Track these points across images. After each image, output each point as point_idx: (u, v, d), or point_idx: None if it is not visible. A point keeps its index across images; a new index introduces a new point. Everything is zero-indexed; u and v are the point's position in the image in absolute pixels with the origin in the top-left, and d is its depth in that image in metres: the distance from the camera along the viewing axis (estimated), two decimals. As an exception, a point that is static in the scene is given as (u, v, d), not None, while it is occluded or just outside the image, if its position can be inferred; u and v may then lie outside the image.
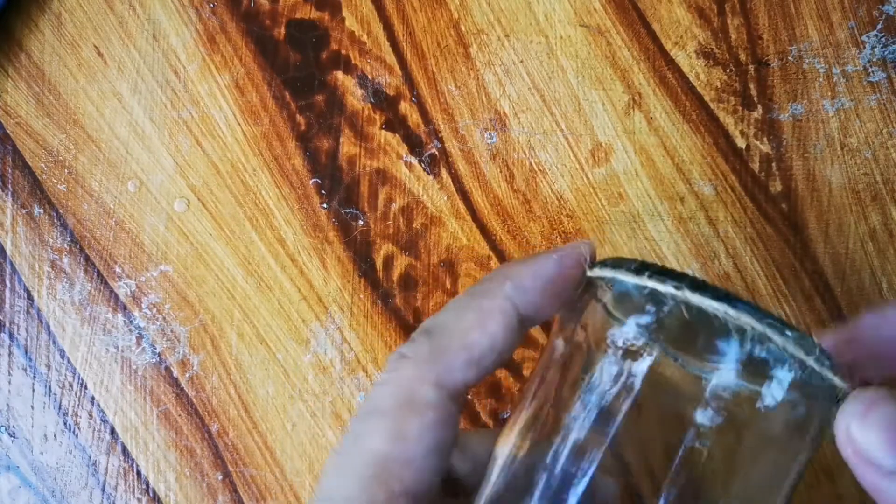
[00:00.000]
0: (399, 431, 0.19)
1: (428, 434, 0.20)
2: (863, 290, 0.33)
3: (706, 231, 0.34)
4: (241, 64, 0.36)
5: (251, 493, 0.36)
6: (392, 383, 0.20)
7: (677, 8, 0.34)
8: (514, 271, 0.21)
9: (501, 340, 0.21)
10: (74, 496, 0.37)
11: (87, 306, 0.37)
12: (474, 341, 0.20)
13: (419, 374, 0.20)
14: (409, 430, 0.19)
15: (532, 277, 0.21)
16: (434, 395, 0.20)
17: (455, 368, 0.20)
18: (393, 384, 0.20)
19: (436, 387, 0.20)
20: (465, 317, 0.21)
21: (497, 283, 0.21)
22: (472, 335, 0.20)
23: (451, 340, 0.20)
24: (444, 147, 0.35)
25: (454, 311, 0.21)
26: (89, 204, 0.37)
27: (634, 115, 0.34)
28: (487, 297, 0.21)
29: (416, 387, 0.20)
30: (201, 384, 0.36)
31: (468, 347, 0.20)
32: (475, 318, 0.21)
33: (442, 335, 0.21)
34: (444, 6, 0.35)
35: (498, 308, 0.21)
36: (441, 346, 0.20)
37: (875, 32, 0.33)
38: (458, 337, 0.20)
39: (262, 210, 0.36)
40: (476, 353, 0.20)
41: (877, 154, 0.33)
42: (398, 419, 0.20)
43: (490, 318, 0.20)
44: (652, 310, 0.19)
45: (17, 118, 0.37)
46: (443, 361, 0.20)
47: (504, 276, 0.21)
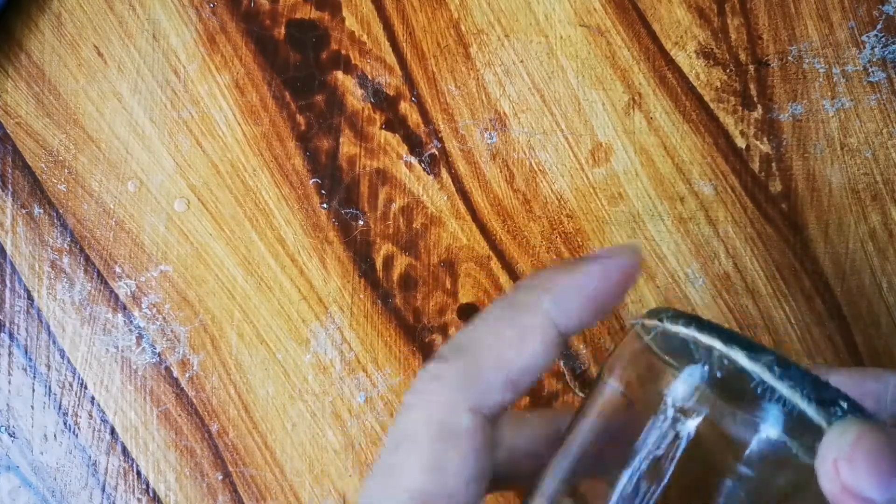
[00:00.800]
0: (437, 464, 0.18)
1: (467, 464, 0.18)
2: (863, 290, 0.33)
3: (706, 231, 0.34)
4: (241, 64, 0.36)
5: (251, 493, 0.36)
6: (424, 408, 0.18)
7: (677, 8, 0.34)
8: (553, 283, 0.19)
9: (540, 359, 0.19)
10: (74, 496, 0.37)
11: (87, 306, 0.37)
12: (512, 360, 0.19)
13: (453, 398, 0.18)
14: (448, 462, 0.18)
15: (573, 292, 0.19)
16: (471, 422, 0.18)
17: (491, 391, 0.18)
18: (425, 409, 0.18)
19: (472, 412, 0.18)
20: (501, 333, 0.19)
21: (535, 297, 0.19)
22: (510, 354, 0.19)
23: (487, 360, 0.19)
24: (444, 147, 0.35)
25: (489, 326, 0.19)
26: (89, 204, 0.37)
27: (634, 115, 0.34)
28: (526, 311, 0.19)
29: (452, 413, 0.18)
30: (201, 384, 0.36)
31: (505, 367, 0.19)
32: (513, 335, 0.19)
33: (477, 353, 0.19)
34: (444, 6, 0.35)
35: (537, 324, 0.19)
36: (476, 367, 0.19)
37: (875, 32, 0.33)
38: (494, 356, 0.19)
39: (262, 210, 0.36)
40: (514, 374, 0.19)
41: (877, 154, 0.33)
42: (435, 450, 0.18)
43: (529, 336, 0.19)
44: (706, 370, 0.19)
45: (17, 118, 0.37)
46: (478, 383, 0.18)
47: (543, 289, 0.19)
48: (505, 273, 0.35)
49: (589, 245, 0.34)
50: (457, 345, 0.19)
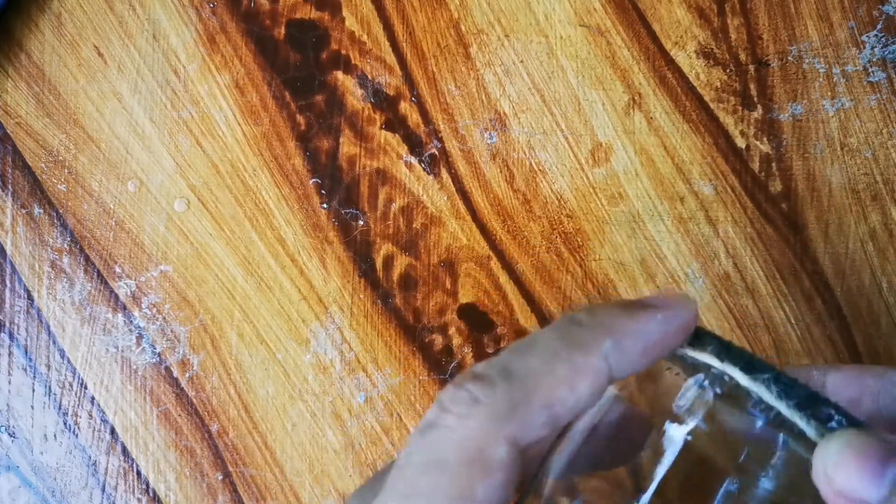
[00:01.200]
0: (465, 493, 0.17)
1: (495, 495, 0.17)
2: (863, 290, 0.33)
3: (706, 231, 0.34)
4: (241, 64, 0.36)
5: (251, 493, 0.36)
6: (460, 432, 0.17)
7: (677, 8, 0.34)
8: (617, 325, 0.19)
9: (586, 401, 0.18)
10: (74, 496, 0.37)
11: (87, 306, 0.37)
12: (559, 400, 0.18)
13: (493, 428, 0.17)
14: (477, 492, 0.17)
15: (635, 339, 0.19)
16: (507, 454, 0.17)
17: (533, 426, 0.18)
18: (461, 434, 0.17)
19: (509, 444, 0.17)
20: (555, 368, 0.18)
21: (597, 337, 0.18)
22: (559, 392, 0.18)
23: (535, 394, 0.18)
24: (444, 147, 0.35)
25: (543, 358, 0.18)
26: (89, 204, 0.37)
27: (634, 115, 0.34)
28: (583, 350, 0.18)
29: (488, 442, 0.17)
30: (201, 384, 0.36)
31: (551, 406, 0.18)
32: (566, 373, 0.18)
33: (525, 385, 0.18)
34: (444, 6, 0.35)
35: (592, 367, 0.18)
36: (522, 398, 0.18)
37: (875, 32, 0.33)
38: (543, 391, 0.18)
39: (262, 210, 0.36)
40: (558, 413, 0.18)
41: (877, 154, 0.33)
42: (465, 477, 0.17)
43: (581, 377, 0.18)
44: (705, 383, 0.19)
45: (17, 118, 0.37)
46: (521, 417, 0.18)
47: (606, 330, 0.19)
48: (505, 273, 0.35)
49: (589, 245, 0.34)
50: (504, 368, 0.18)
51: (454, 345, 0.35)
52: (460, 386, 0.18)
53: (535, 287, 0.35)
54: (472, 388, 0.18)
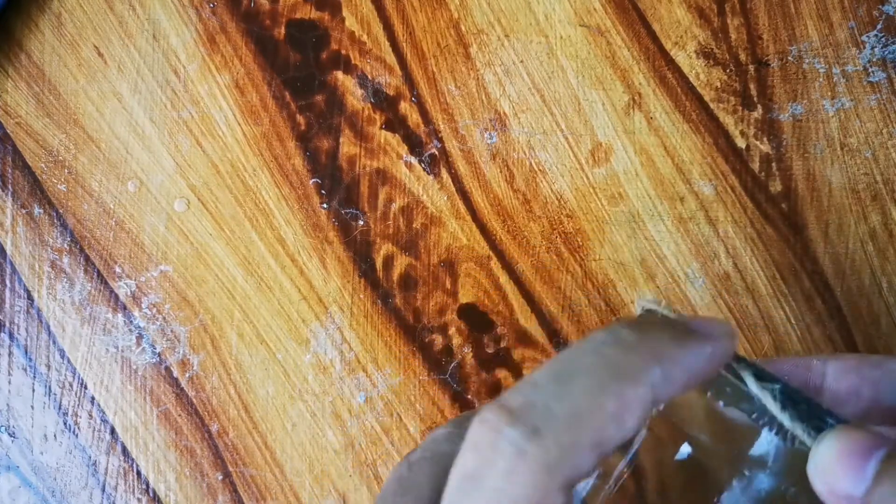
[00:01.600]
0: None
1: None
2: (863, 290, 0.33)
3: (706, 231, 0.34)
4: (241, 64, 0.36)
5: (251, 493, 0.36)
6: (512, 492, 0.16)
7: (677, 8, 0.34)
8: (667, 354, 0.18)
9: (632, 433, 0.17)
10: (74, 496, 0.37)
11: (87, 306, 0.37)
12: (609, 437, 0.17)
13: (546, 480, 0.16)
14: None
15: (682, 369, 0.18)
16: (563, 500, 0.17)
17: (585, 466, 0.17)
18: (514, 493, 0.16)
19: (564, 490, 0.16)
20: (602, 404, 0.17)
21: (646, 366, 0.17)
22: (609, 431, 0.17)
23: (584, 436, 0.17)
24: (444, 147, 0.35)
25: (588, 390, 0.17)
26: (89, 204, 0.37)
27: (634, 115, 0.34)
28: (631, 382, 0.17)
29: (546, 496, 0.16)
30: (201, 384, 0.36)
31: (601, 445, 0.17)
32: (614, 408, 0.17)
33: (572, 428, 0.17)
34: (444, 6, 0.35)
35: (640, 399, 0.17)
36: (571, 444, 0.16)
37: (875, 32, 0.33)
38: (591, 432, 0.17)
39: (262, 210, 0.36)
40: (607, 449, 0.17)
41: (877, 154, 0.33)
42: None
43: (630, 412, 0.17)
44: None
45: (17, 118, 0.37)
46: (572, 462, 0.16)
47: (655, 358, 0.18)
48: (505, 273, 0.35)
49: (589, 245, 0.34)
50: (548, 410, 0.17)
51: (454, 345, 0.35)
52: (499, 431, 0.17)
53: (535, 287, 0.35)
54: (516, 436, 0.17)
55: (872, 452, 0.17)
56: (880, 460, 0.17)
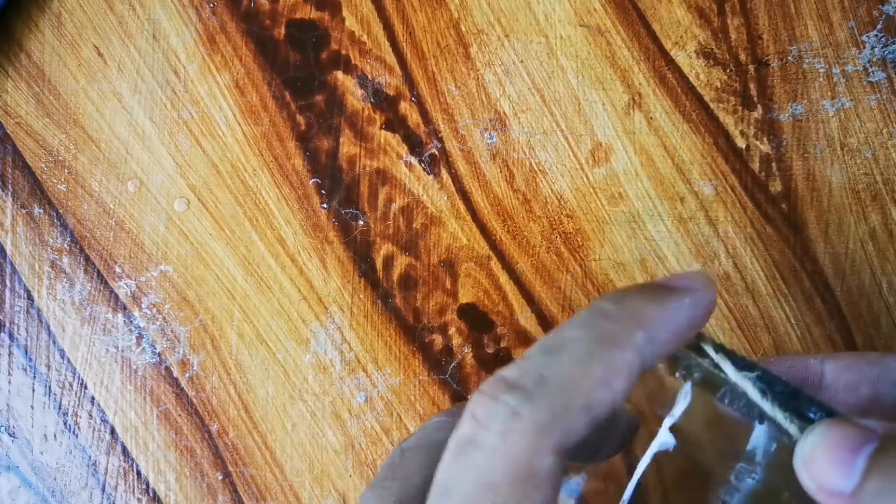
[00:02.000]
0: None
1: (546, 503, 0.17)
2: (863, 290, 0.33)
3: (706, 231, 0.34)
4: (241, 64, 0.36)
5: (251, 493, 0.36)
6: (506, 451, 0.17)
7: (677, 8, 0.34)
8: (647, 315, 0.18)
9: (621, 398, 0.18)
10: (74, 496, 0.37)
11: (87, 306, 0.37)
12: (599, 400, 0.17)
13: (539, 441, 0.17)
14: None
15: (666, 327, 0.18)
16: (555, 463, 0.17)
17: (576, 430, 0.17)
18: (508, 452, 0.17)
19: (556, 453, 0.17)
20: (591, 370, 0.17)
21: (629, 330, 0.18)
22: (599, 393, 0.17)
23: (575, 399, 0.17)
24: (444, 147, 0.35)
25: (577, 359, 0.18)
26: (89, 204, 0.37)
27: (634, 115, 0.34)
28: (617, 346, 0.18)
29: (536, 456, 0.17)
30: (201, 384, 0.36)
31: (592, 408, 0.17)
32: (603, 372, 0.17)
33: (564, 392, 0.17)
34: (444, 6, 0.35)
35: (627, 361, 0.18)
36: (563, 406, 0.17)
37: (875, 32, 0.33)
38: (583, 395, 0.17)
39: (262, 210, 0.36)
40: (598, 413, 0.17)
41: (877, 154, 0.33)
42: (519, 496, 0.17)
43: (617, 375, 0.18)
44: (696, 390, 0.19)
45: (17, 118, 0.37)
46: (564, 424, 0.17)
47: (636, 321, 0.18)
48: (505, 273, 0.35)
49: (589, 245, 0.34)
50: (540, 378, 0.18)
51: (454, 345, 0.35)
52: (495, 398, 0.18)
53: (535, 287, 0.35)
54: (510, 401, 0.17)
55: (862, 447, 0.17)
56: (869, 455, 0.16)
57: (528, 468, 0.17)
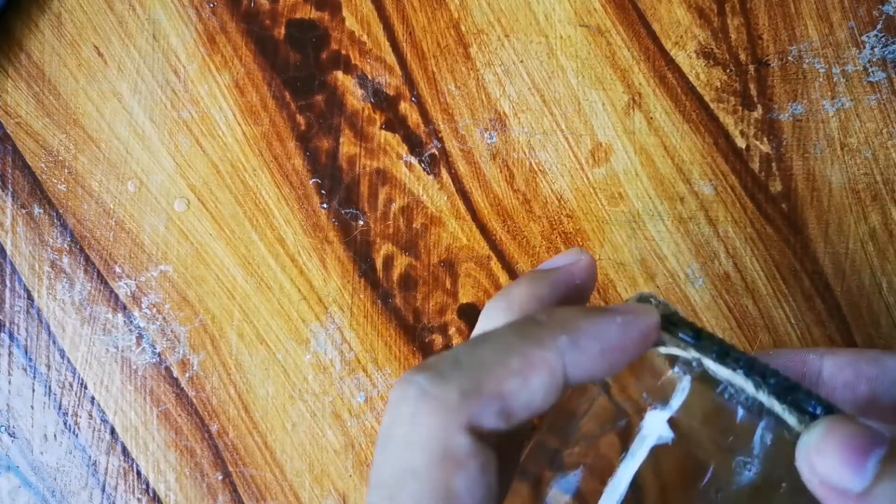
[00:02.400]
0: (446, 492, 0.17)
1: (477, 486, 0.17)
2: (863, 290, 0.33)
3: (706, 231, 0.34)
4: (241, 64, 0.36)
5: (251, 493, 0.36)
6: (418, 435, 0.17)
7: (677, 8, 0.34)
8: (573, 324, 0.18)
9: (540, 399, 0.17)
10: (74, 496, 0.37)
11: (87, 306, 0.37)
12: (511, 392, 0.17)
13: (448, 420, 0.17)
14: (457, 488, 0.17)
15: (591, 338, 0.18)
16: (471, 443, 0.17)
17: (485, 416, 0.17)
18: (420, 436, 0.17)
19: (468, 433, 0.17)
20: (507, 360, 0.17)
21: (553, 333, 0.18)
22: (511, 384, 0.17)
23: (487, 384, 0.17)
24: (444, 147, 0.35)
25: (495, 350, 0.18)
26: (89, 204, 0.37)
27: (634, 115, 0.34)
28: (538, 344, 0.18)
29: (449, 436, 0.17)
30: (201, 384, 0.36)
31: (503, 397, 0.17)
32: (518, 365, 0.17)
33: (475, 375, 0.17)
34: (444, 6, 0.35)
35: (546, 362, 0.17)
36: (473, 388, 0.17)
37: (875, 32, 0.33)
38: (494, 381, 0.17)
39: (262, 210, 0.36)
40: (510, 405, 0.17)
41: (877, 154, 0.33)
42: (440, 478, 0.17)
43: (534, 371, 0.17)
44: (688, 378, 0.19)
45: (17, 118, 0.37)
46: (473, 406, 0.17)
47: (561, 326, 0.18)
48: (505, 273, 0.35)
49: (589, 245, 0.34)
50: (455, 360, 0.18)
51: (454, 345, 0.35)
52: (409, 381, 0.17)
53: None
54: (422, 381, 0.17)
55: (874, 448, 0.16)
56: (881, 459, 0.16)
57: (442, 448, 0.17)
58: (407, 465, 0.17)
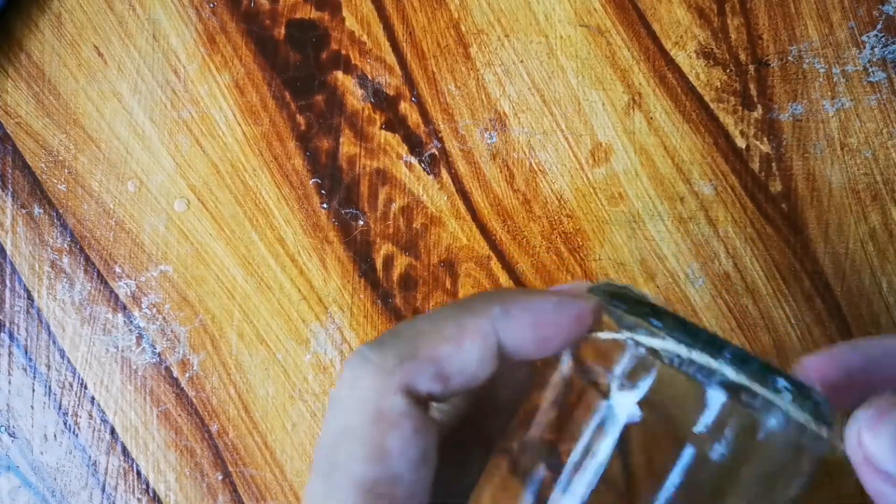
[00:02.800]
0: (378, 450, 0.18)
1: (410, 446, 0.18)
2: (863, 290, 0.33)
3: (706, 231, 0.34)
4: (241, 64, 0.36)
5: (251, 493, 0.36)
6: (356, 395, 0.18)
7: (677, 8, 0.34)
8: (507, 296, 0.19)
9: (475, 364, 0.19)
10: (74, 496, 0.37)
11: (87, 306, 0.37)
12: (445, 356, 0.18)
13: (383, 380, 0.18)
14: (389, 446, 0.18)
15: (524, 309, 0.19)
16: (405, 404, 0.18)
17: (420, 378, 0.18)
18: (358, 395, 0.18)
19: (405, 394, 0.18)
20: (441, 327, 0.19)
21: (485, 303, 0.19)
22: (445, 349, 0.18)
23: (420, 349, 0.18)
24: (444, 147, 0.35)
25: (432, 319, 0.19)
26: (89, 204, 0.37)
27: (634, 115, 0.34)
28: (472, 313, 0.19)
29: (384, 395, 0.18)
30: (201, 384, 0.36)
31: (437, 361, 0.18)
32: (451, 331, 0.19)
33: (411, 340, 0.18)
34: (444, 6, 0.35)
35: (479, 328, 0.19)
36: (408, 352, 0.18)
37: (875, 32, 0.33)
38: (428, 347, 0.18)
39: (262, 210, 0.36)
40: (444, 369, 0.18)
41: (877, 154, 0.33)
42: (374, 435, 0.18)
43: (467, 336, 0.18)
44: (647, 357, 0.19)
45: (17, 118, 0.37)
46: (408, 368, 0.18)
47: (495, 298, 0.19)
48: (505, 273, 0.35)
49: (589, 245, 0.34)
50: (396, 331, 0.19)
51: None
52: (356, 352, 0.19)
53: (535, 287, 0.35)
54: (364, 350, 0.19)
55: None
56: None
57: (377, 408, 0.18)
58: (345, 424, 0.18)
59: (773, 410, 0.18)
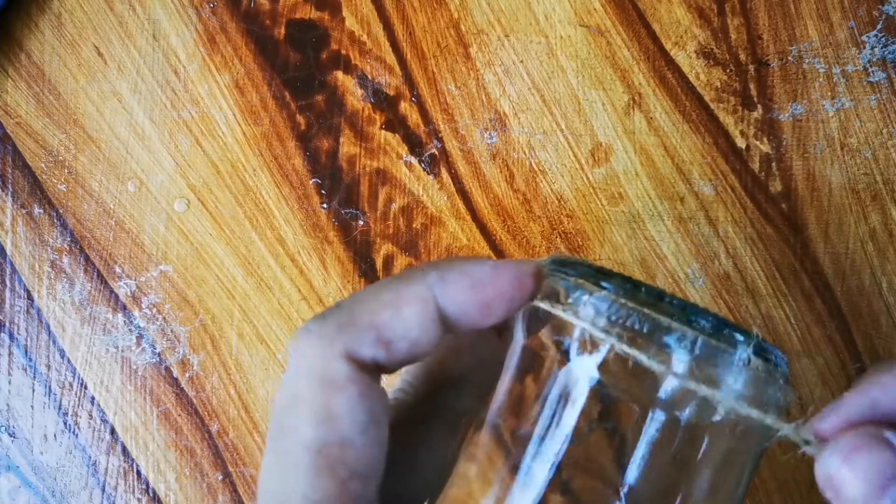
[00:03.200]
0: (326, 414, 0.18)
1: (357, 409, 0.18)
2: (863, 290, 0.33)
3: (706, 231, 0.34)
4: (241, 64, 0.36)
5: (251, 493, 0.36)
6: (302, 362, 0.19)
7: (677, 8, 0.34)
8: (443, 264, 0.20)
9: (415, 329, 0.19)
10: (74, 496, 0.37)
11: (87, 306, 0.37)
12: (384, 322, 0.19)
13: (325, 348, 0.18)
14: (336, 408, 0.18)
15: (459, 274, 0.20)
16: (348, 369, 0.18)
17: (362, 343, 0.19)
18: (303, 363, 0.19)
19: (346, 359, 0.18)
20: (379, 295, 0.19)
21: (423, 270, 0.20)
22: (384, 315, 0.19)
23: (360, 316, 0.19)
24: (444, 147, 0.35)
25: (371, 289, 0.20)
26: (89, 204, 0.37)
27: (634, 115, 0.34)
28: (409, 281, 0.20)
29: (327, 361, 0.18)
30: (201, 384, 0.36)
31: (377, 326, 0.19)
32: (390, 298, 0.19)
33: (351, 311, 0.19)
34: (444, 6, 0.35)
35: (417, 293, 0.19)
36: (348, 320, 0.19)
37: (875, 32, 0.33)
38: (368, 312, 0.19)
39: (262, 210, 0.36)
40: (385, 334, 0.19)
41: (877, 154, 0.33)
42: (319, 400, 0.18)
43: (405, 303, 0.19)
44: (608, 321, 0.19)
45: (17, 118, 0.37)
46: (349, 335, 0.19)
47: (433, 265, 0.20)
48: (505, 273, 0.35)
49: (589, 245, 0.34)
50: (337, 304, 0.20)
51: (454, 345, 0.35)
52: (301, 328, 0.19)
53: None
54: (308, 324, 0.19)
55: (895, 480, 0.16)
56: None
57: (321, 374, 0.18)
58: (293, 392, 0.19)
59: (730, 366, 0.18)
